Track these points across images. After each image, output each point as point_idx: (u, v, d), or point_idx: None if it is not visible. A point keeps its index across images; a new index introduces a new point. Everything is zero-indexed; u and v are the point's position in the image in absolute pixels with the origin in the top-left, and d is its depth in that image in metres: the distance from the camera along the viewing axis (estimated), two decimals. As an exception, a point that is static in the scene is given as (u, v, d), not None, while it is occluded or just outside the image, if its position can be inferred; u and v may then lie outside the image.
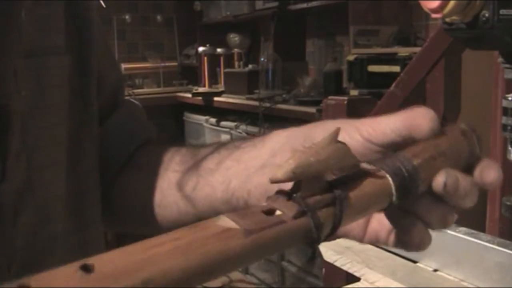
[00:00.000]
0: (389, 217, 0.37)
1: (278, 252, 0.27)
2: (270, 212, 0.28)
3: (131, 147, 0.55)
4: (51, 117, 0.44)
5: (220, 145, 0.49)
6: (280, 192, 0.29)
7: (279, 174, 0.27)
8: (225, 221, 0.26)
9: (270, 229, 0.26)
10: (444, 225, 0.36)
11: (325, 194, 0.29)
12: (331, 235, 0.30)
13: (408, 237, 0.36)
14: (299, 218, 0.28)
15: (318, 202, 0.29)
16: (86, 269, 0.22)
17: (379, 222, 0.38)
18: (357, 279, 0.83)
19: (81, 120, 0.49)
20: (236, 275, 2.87)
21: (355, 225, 0.39)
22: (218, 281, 2.82)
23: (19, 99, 0.40)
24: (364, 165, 0.32)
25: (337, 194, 0.30)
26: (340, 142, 0.31)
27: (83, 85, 0.49)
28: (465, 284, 0.76)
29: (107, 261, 0.22)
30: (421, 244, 0.36)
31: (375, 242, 0.39)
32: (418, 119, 0.35)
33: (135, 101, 0.60)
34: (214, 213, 0.45)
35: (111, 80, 0.56)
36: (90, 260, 0.22)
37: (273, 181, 0.28)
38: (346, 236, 0.40)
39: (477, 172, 0.37)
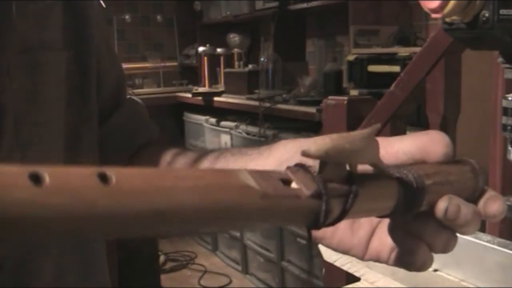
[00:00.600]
0: (394, 237, 0.37)
1: (282, 225, 0.27)
2: (287, 182, 0.27)
3: (132, 147, 0.55)
4: (46, 113, 0.44)
5: (225, 150, 0.48)
6: (300, 166, 0.29)
7: (313, 149, 0.27)
8: (246, 177, 0.26)
9: (285, 199, 0.26)
10: (445, 249, 0.36)
11: (343, 184, 0.29)
12: (331, 225, 0.30)
13: (411, 258, 0.36)
14: (314, 199, 0.28)
15: (335, 190, 0.29)
16: (104, 178, 0.21)
17: (381, 241, 0.38)
18: (357, 279, 0.83)
19: (80, 117, 0.48)
20: (236, 275, 2.87)
21: (356, 243, 0.38)
22: (218, 281, 2.82)
23: (12, 96, 0.40)
24: (383, 168, 0.32)
25: (353, 189, 0.30)
26: (375, 139, 0.31)
27: (82, 82, 0.49)
28: (465, 284, 0.76)
29: (126, 177, 0.22)
30: (423, 266, 0.36)
31: (376, 260, 0.39)
32: (433, 144, 0.35)
33: (137, 99, 0.60)
34: None
35: (112, 78, 0.56)
36: (110, 170, 0.21)
37: (305, 154, 0.27)
38: (346, 253, 0.39)
39: (481, 203, 0.36)
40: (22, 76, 0.41)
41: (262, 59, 2.98)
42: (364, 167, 0.31)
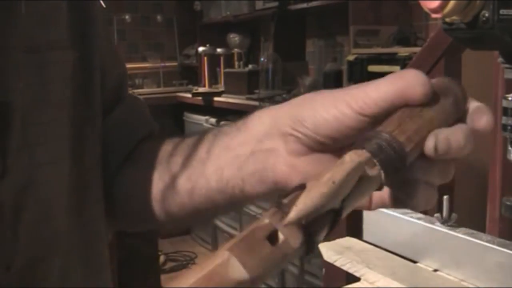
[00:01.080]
0: (390, 186, 0.36)
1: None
2: (273, 238, 0.27)
3: (132, 142, 0.54)
4: (53, 113, 0.44)
5: (206, 132, 0.48)
6: (281, 206, 0.28)
7: (292, 216, 0.27)
8: (235, 268, 0.26)
9: (275, 264, 0.27)
10: (445, 179, 0.35)
11: (327, 215, 0.29)
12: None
13: (412, 201, 0.35)
14: (302, 246, 0.28)
15: (321, 228, 0.29)
16: None
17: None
18: (357, 279, 0.83)
19: (84, 116, 0.48)
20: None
21: None
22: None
23: (19, 95, 0.40)
24: (367, 170, 0.31)
25: (335, 212, 0.29)
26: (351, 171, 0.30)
27: (87, 82, 0.48)
28: (465, 284, 0.76)
29: None
30: (427, 204, 0.35)
31: (382, 207, 0.38)
32: (410, 87, 0.34)
33: (138, 96, 0.60)
34: (211, 203, 0.45)
35: (114, 76, 0.55)
36: None
37: (287, 224, 0.27)
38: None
39: (468, 119, 0.36)
40: (29, 75, 0.41)
41: (262, 59, 2.98)
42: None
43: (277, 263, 0.27)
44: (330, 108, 0.36)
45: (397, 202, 0.37)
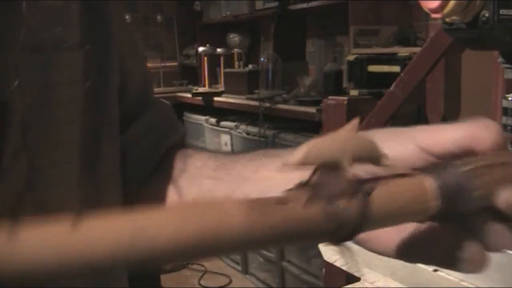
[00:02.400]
0: (443, 231, 0.32)
1: (282, 245, 0.25)
2: (283, 201, 0.25)
3: (160, 151, 0.53)
4: (58, 115, 0.42)
5: (260, 153, 0.46)
6: (298, 184, 0.26)
7: (290, 159, 0.25)
8: (235, 212, 0.24)
9: (273, 218, 0.24)
10: (503, 246, 0.32)
11: (346, 187, 0.25)
12: (352, 237, 0.26)
13: (460, 255, 0.31)
14: (310, 207, 0.24)
15: (336, 193, 0.25)
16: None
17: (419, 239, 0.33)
18: (357, 279, 0.83)
19: (98, 122, 0.47)
20: (236, 275, 2.87)
21: (381, 238, 0.35)
22: (218, 281, 2.82)
23: (20, 96, 0.39)
24: (396, 164, 0.29)
25: (360, 188, 0.26)
26: (363, 134, 0.28)
27: (101, 84, 0.47)
28: (465, 284, 0.76)
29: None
30: (475, 267, 0.32)
31: (418, 262, 0.35)
32: (481, 131, 0.32)
33: (164, 101, 0.58)
34: None
35: (137, 79, 0.54)
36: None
37: (284, 166, 0.25)
38: (372, 250, 0.36)
39: None
40: (32, 76, 0.40)
41: (262, 59, 2.97)
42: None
43: (280, 221, 0.24)
44: (391, 140, 0.34)
45: (433, 249, 0.32)
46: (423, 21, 2.46)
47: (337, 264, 0.87)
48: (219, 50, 3.45)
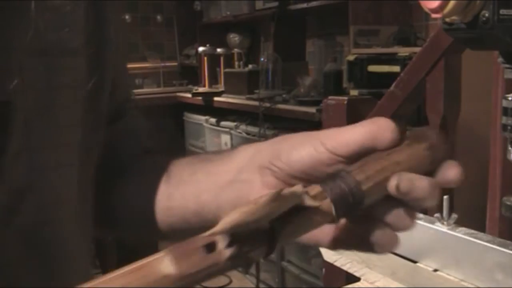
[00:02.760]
0: (352, 223, 0.38)
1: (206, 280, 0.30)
2: (210, 246, 0.30)
3: (134, 152, 0.54)
4: (60, 118, 0.43)
5: (195, 157, 0.50)
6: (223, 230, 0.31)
7: (218, 228, 0.29)
8: (165, 265, 0.29)
9: (205, 270, 0.30)
10: (406, 226, 0.37)
11: (260, 234, 0.31)
12: (266, 257, 0.33)
13: (371, 237, 0.36)
14: (232, 260, 0.30)
15: (253, 246, 0.31)
16: None
17: (345, 229, 0.39)
18: (357, 279, 0.83)
19: (93, 124, 0.47)
20: (236, 275, 2.87)
21: (320, 235, 0.39)
22: (218, 281, 2.82)
23: (23, 97, 0.39)
24: (307, 200, 0.33)
25: (272, 231, 0.32)
26: (281, 197, 0.32)
27: (98, 88, 0.48)
28: (465, 284, 0.76)
29: None
30: (386, 246, 0.37)
31: (342, 246, 0.40)
32: (379, 130, 0.36)
33: (138, 115, 0.59)
34: (185, 224, 0.47)
35: (123, 88, 0.55)
36: None
37: (211, 235, 0.29)
38: (317, 245, 0.41)
39: (439, 173, 0.37)
40: (36, 77, 0.40)
41: (262, 59, 2.98)
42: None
43: (208, 268, 0.30)
44: (306, 145, 0.38)
45: (357, 239, 0.38)
46: (423, 21, 2.46)
47: (337, 264, 0.87)
48: (219, 50, 3.45)
